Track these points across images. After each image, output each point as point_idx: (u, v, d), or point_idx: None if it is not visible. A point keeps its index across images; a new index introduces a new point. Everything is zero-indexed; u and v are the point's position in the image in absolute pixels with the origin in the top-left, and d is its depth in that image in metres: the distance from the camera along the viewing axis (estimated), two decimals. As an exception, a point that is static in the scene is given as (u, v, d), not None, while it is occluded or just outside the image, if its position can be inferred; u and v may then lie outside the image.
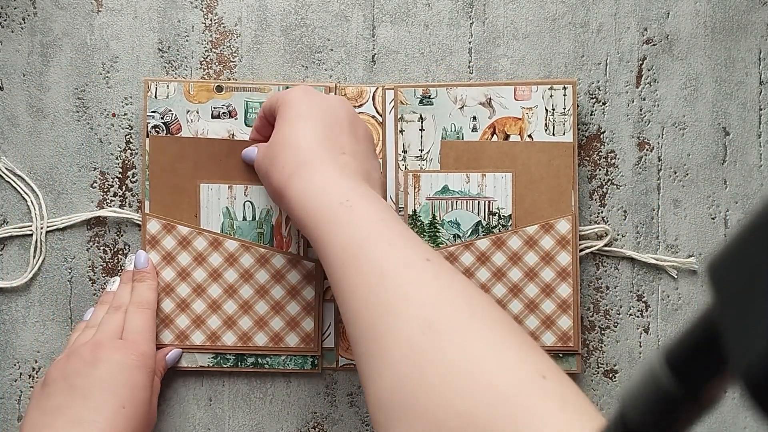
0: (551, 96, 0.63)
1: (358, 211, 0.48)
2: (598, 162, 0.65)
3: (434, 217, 0.63)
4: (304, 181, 0.51)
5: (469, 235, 0.63)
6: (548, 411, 0.37)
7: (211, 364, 0.63)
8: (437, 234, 0.63)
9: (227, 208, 0.63)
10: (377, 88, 0.64)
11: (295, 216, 0.52)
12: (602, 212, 0.65)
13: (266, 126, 0.61)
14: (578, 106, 0.64)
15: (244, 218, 0.63)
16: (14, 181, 0.64)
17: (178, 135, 0.63)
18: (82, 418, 0.54)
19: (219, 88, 0.63)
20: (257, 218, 0.63)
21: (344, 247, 0.47)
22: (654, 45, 0.65)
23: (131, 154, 0.65)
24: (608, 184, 0.65)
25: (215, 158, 0.63)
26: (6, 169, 0.64)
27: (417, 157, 0.63)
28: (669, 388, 0.25)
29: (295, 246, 0.63)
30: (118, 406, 0.54)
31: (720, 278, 0.23)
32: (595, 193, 0.65)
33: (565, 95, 0.63)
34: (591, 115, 0.65)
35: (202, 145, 0.63)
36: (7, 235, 0.64)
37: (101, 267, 0.65)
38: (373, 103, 0.64)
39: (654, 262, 0.64)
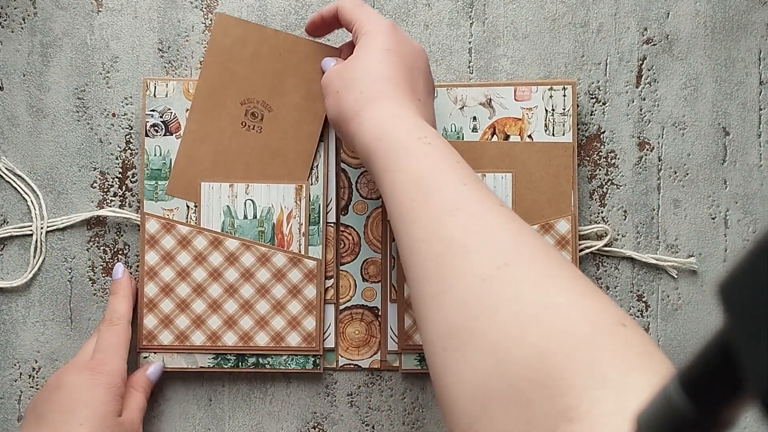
0: (551, 96, 0.63)
1: (437, 148, 0.48)
2: (598, 162, 0.65)
3: (434, 217, 0.63)
4: (381, 110, 0.51)
5: (469, 235, 0.63)
6: (628, 360, 0.36)
7: (211, 365, 0.63)
8: (437, 234, 0.63)
9: (228, 206, 0.63)
10: (377, 88, 0.64)
11: (364, 142, 0.50)
12: (602, 212, 0.65)
13: (332, 25, 0.60)
14: (578, 106, 0.64)
15: (245, 217, 0.63)
16: (14, 181, 0.64)
17: (178, 134, 0.63)
18: None
19: (219, 88, 0.63)
20: (258, 217, 0.63)
21: (417, 179, 0.46)
22: (654, 45, 0.65)
23: (131, 154, 0.65)
24: (608, 184, 0.65)
25: (275, 51, 0.63)
26: (6, 169, 0.64)
27: (417, 157, 0.63)
28: (684, 411, 0.25)
29: (297, 244, 0.63)
30: (76, 425, 0.55)
31: (731, 298, 0.23)
32: (595, 193, 0.65)
33: (564, 95, 0.63)
34: (591, 115, 0.65)
35: (266, 34, 0.63)
36: (7, 235, 0.64)
37: (101, 267, 0.65)
38: (373, 103, 0.64)
39: (654, 262, 0.64)
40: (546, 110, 0.63)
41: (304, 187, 0.63)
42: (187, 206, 0.63)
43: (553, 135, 0.63)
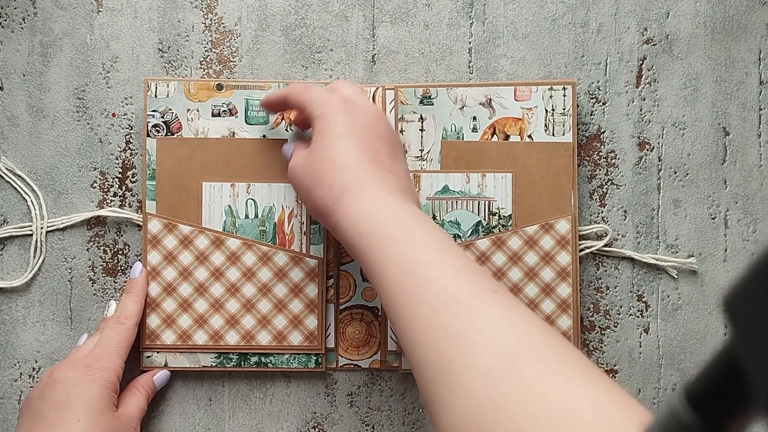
0: (551, 96, 0.63)
1: (417, 235, 0.47)
2: (598, 162, 0.65)
3: (434, 217, 0.63)
4: (355, 203, 0.50)
5: (469, 235, 0.63)
6: None
7: (214, 364, 0.63)
8: (437, 234, 0.63)
9: (229, 206, 0.63)
10: (377, 89, 0.64)
11: (346, 238, 0.50)
12: (602, 212, 0.65)
13: (281, 107, 0.61)
14: (578, 106, 0.64)
15: (246, 216, 0.63)
16: (14, 181, 0.64)
17: (179, 134, 0.63)
18: None
19: (219, 87, 0.63)
20: (259, 216, 0.63)
21: (405, 272, 0.46)
22: (654, 45, 0.65)
23: (131, 154, 0.65)
24: (608, 184, 0.65)
25: (223, 158, 0.63)
26: (6, 169, 0.64)
27: (417, 157, 0.63)
28: (690, 425, 0.25)
29: (298, 243, 0.63)
30: (73, 420, 0.54)
31: (737, 312, 0.23)
32: (595, 193, 0.65)
33: (564, 95, 0.63)
34: (591, 115, 0.65)
35: (209, 145, 0.63)
36: (7, 235, 0.64)
37: (101, 267, 0.65)
38: (374, 103, 0.64)
39: (654, 262, 0.64)
40: (546, 110, 0.63)
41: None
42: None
43: (553, 135, 0.63)
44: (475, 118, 0.63)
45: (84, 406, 0.55)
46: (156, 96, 0.63)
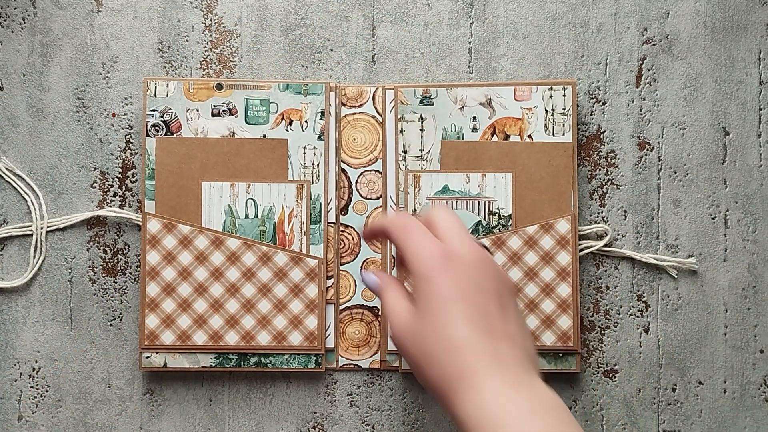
0: (551, 96, 0.63)
1: None
2: (598, 162, 0.65)
3: (434, 216, 0.63)
4: (473, 405, 0.44)
5: (470, 235, 0.63)
6: None
7: (213, 365, 0.63)
8: (437, 234, 0.63)
9: (229, 206, 0.63)
10: (377, 88, 0.64)
11: None
12: (602, 212, 0.65)
13: (383, 237, 0.53)
14: (578, 106, 0.64)
15: (246, 216, 0.63)
16: (14, 181, 0.64)
17: (179, 134, 0.63)
18: None
19: (219, 86, 0.63)
20: (259, 216, 0.63)
21: None
22: (654, 45, 0.65)
23: (131, 154, 0.65)
24: (608, 184, 0.65)
25: (223, 158, 0.63)
26: (6, 169, 0.64)
27: (417, 157, 0.63)
28: None
29: (298, 243, 0.63)
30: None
31: None
32: (595, 193, 0.65)
33: (564, 95, 0.63)
34: (591, 115, 0.65)
35: (209, 145, 0.63)
36: (7, 235, 0.64)
37: (101, 267, 0.65)
38: (373, 103, 0.64)
39: (654, 262, 0.64)
40: (546, 110, 0.63)
41: (305, 186, 0.63)
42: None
43: (553, 135, 0.63)
44: (475, 118, 0.63)
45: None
46: (156, 96, 0.63)
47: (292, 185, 0.63)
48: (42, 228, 0.64)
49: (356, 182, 0.64)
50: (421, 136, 0.63)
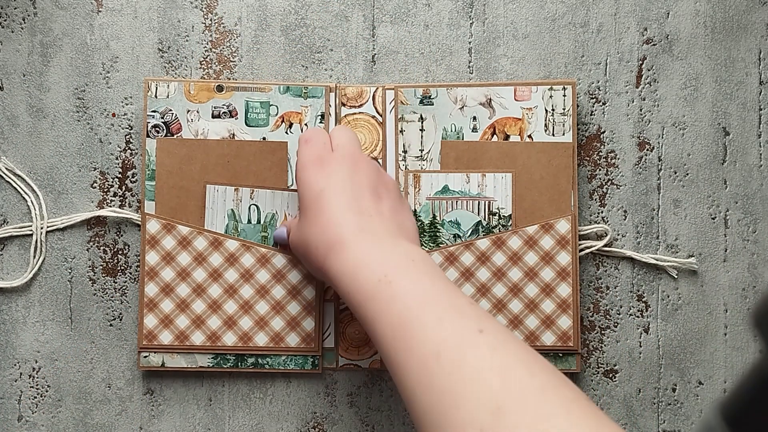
0: (551, 96, 0.63)
1: (398, 286, 0.47)
2: (598, 162, 0.65)
3: (434, 216, 0.63)
4: (339, 262, 0.50)
5: (470, 235, 0.63)
6: None
7: (211, 365, 0.63)
8: (437, 234, 0.63)
9: (232, 210, 0.63)
10: (377, 88, 0.64)
11: (341, 295, 0.51)
12: (602, 212, 0.65)
13: None
14: (578, 106, 0.64)
15: (249, 221, 0.63)
16: (14, 181, 0.64)
17: (179, 135, 0.63)
18: None
19: (219, 88, 0.63)
20: (262, 222, 0.63)
21: (392, 326, 0.46)
22: (654, 45, 0.65)
23: (131, 154, 0.65)
24: (608, 184, 0.65)
25: (223, 160, 0.63)
26: (6, 169, 0.64)
27: (417, 157, 0.63)
28: None
29: None
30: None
31: (766, 327, 0.23)
32: (595, 193, 0.65)
33: (564, 96, 0.63)
34: (591, 115, 0.65)
35: (210, 146, 0.63)
36: (7, 235, 0.64)
37: (101, 267, 0.65)
38: (373, 103, 0.64)
39: (654, 262, 0.64)
40: (546, 110, 0.63)
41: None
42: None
43: (553, 135, 0.63)
44: (475, 118, 0.63)
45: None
46: (156, 96, 0.63)
47: (295, 194, 0.63)
48: (42, 228, 0.64)
49: (356, 182, 0.64)
50: (421, 136, 0.63)
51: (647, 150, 0.65)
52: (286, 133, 0.64)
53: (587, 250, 0.64)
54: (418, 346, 0.44)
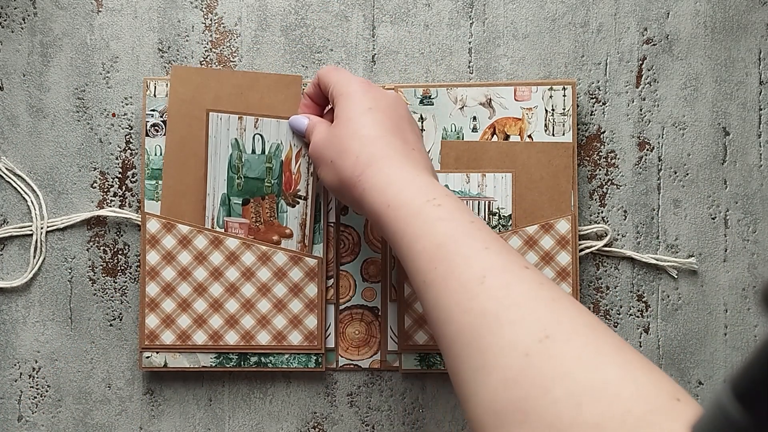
0: (551, 96, 0.63)
1: (448, 210, 0.47)
2: (598, 162, 0.65)
3: (434, 216, 0.63)
4: (382, 175, 0.50)
5: (470, 235, 0.63)
6: None
7: (213, 364, 0.63)
8: (437, 234, 0.63)
9: (236, 139, 0.62)
10: (377, 88, 0.64)
11: (372, 209, 0.50)
12: (602, 212, 0.65)
13: (319, 95, 0.61)
14: (578, 106, 0.64)
15: (253, 151, 0.62)
16: (14, 181, 0.64)
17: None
18: None
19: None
20: (267, 152, 0.62)
21: (436, 246, 0.45)
22: (654, 45, 0.65)
23: (131, 154, 0.65)
24: (608, 184, 0.65)
25: (237, 90, 0.62)
26: (6, 169, 0.64)
27: (417, 157, 0.63)
28: (739, 420, 0.24)
29: (304, 184, 0.63)
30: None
31: None
32: (595, 193, 0.65)
33: (564, 96, 0.63)
34: (591, 115, 0.65)
35: (224, 77, 0.63)
36: (7, 235, 0.64)
37: (101, 267, 0.65)
38: (374, 103, 0.64)
39: (654, 262, 0.64)
40: (546, 110, 0.63)
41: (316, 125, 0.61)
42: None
43: (553, 135, 0.63)
44: (475, 118, 0.63)
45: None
46: (155, 96, 0.63)
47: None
48: (42, 228, 0.64)
49: (356, 182, 0.64)
50: (422, 136, 0.63)
51: (647, 150, 0.65)
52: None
53: (587, 250, 0.64)
54: (462, 267, 0.44)
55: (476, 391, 0.41)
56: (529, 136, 0.63)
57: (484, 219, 0.63)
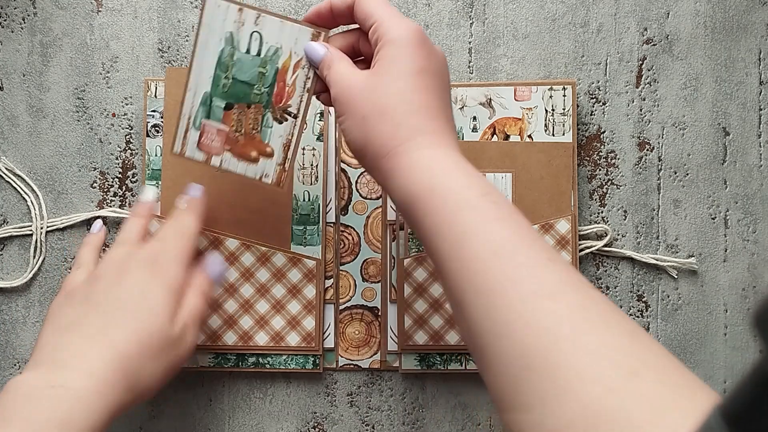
0: (551, 96, 0.63)
1: (507, 210, 0.42)
2: (598, 162, 0.65)
3: (434, 217, 0.63)
4: (427, 151, 0.44)
5: (469, 235, 0.63)
6: None
7: (211, 364, 0.63)
8: (437, 234, 0.63)
9: (231, 33, 0.53)
10: (377, 88, 0.64)
11: (409, 189, 0.44)
12: (602, 212, 0.65)
13: (345, 16, 0.51)
14: (578, 106, 0.64)
15: (248, 51, 0.54)
16: (14, 181, 0.64)
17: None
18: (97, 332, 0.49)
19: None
20: (262, 55, 0.54)
21: (494, 252, 0.40)
22: (654, 45, 0.65)
23: (131, 154, 0.65)
24: (608, 184, 0.65)
25: None
26: (6, 169, 0.64)
27: (417, 157, 0.63)
28: None
29: (297, 99, 0.55)
30: (131, 320, 0.50)
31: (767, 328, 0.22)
32: (595, 193, 0.65)
33: (564, 96, 0.63)
34: (591, 115, 0.65)
35: None
36: (7, 235, 0.64)
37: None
38: (373, 103, 0.64)
39: (654, 262, 0.64)
40: (546, 110, 0.63)
41: (323, 35, 0.53)
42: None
43: (553, 135, 0.63)
44: (475, 118, 0.63)
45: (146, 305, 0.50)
46: (156, 96, 0.63)
47: (308, 30, 0.53)
48: (42, 228, 0.64)
49: (356, 182, 0.64)
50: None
51: (647, 150, 0.65)
52: None
53: (587, 250, 0.64)
54: (528, 279, 0.39)
55: (541, 421, 0.36)
56: (529, 136, 0.63)
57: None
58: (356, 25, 0.52)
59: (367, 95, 0.47)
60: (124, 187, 0.65)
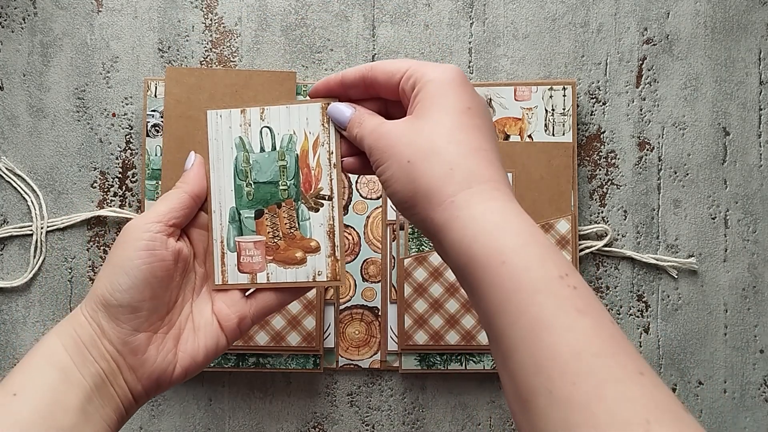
0: (551, 96, 0.63)
1: (587, 298, 0.35)
2: (598, 162, 0.65)
3: (434, 217, 0.63)
4: (489, 207, 0.38)
5: (470, 235, 0.63)
6: None
7: (212, 364, 0.63)
8: (437, 234, 0.63)
9: (240, 138, 0.50)
10: (377, 88, 0.64)
11: (469, 252, 0.38)
12: (602, 212, 0.65)
13: (358, 86, 0.47)
14: (578, 106, 0.64)
15: (262, 149, 0.50)
16: (14, 181, 0.64)
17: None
18: None
19: (219, 88, 0.62)
20: (278, 148, 0.50)
21: (575, 353, 0.33)
22: (654, 45, 0.65)
23: (131, 154, 0.65)
24: (608, 184, 0.65)
25: (231, 89, 0.62)
26: (6, 169, 0.64)
27: (417, 157, 0.63)
28: None
29: (326, 179, 0.50)
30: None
31: None
32: (595, 193, 0.65)
33: (564, 96, 0.63)
34: (591, 115, 0.65)
35: (218, 76, 0.63)
36: (7, 235, 0.64)
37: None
38: (374, 103, 0.64)
39: (654, 262, 0.64)
40: (546, 110, 0.63)
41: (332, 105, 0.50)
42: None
43: (553, 135, 0.63)
44: (475, 118, 0.63)
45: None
46: (156, 96, 0.63)
47: (316, 105, 0.49)
48: (42, 228, 0.64)
49: (356, 182, 0.64)
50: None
51: (647, 150, 0.65)
52: None
53: (587, 250, 0.64)
54: (615, 389, 0.33)
55: None
56: (529, 136, 0.63)
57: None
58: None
59: (410, 138, 0.41)
60: (124, 187, 0.65)
